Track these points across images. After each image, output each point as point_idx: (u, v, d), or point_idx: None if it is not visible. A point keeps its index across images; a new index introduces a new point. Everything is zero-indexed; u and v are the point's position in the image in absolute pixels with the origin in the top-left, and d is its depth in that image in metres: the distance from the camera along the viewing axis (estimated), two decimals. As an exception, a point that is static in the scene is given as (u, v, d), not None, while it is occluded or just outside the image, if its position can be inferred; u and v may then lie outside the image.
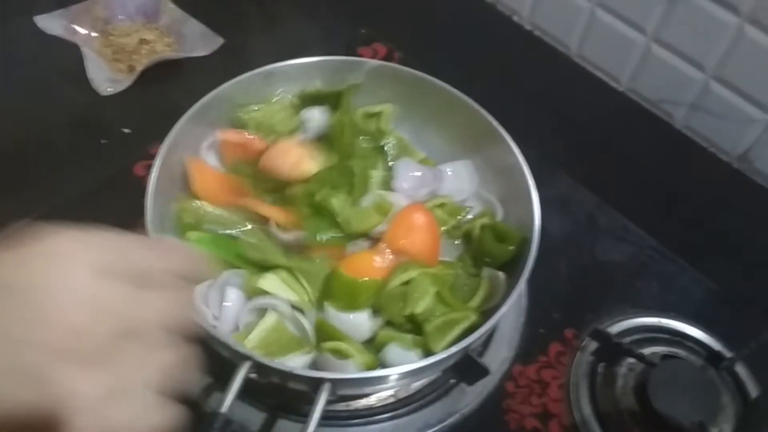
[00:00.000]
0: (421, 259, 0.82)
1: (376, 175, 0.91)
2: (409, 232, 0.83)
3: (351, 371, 0.73)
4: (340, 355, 0.74)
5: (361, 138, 0.94)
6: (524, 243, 0.82)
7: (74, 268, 0.43)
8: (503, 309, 0.72)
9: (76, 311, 0.42)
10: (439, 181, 0.93)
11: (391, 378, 0.71)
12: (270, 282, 0.79)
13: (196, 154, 0.89)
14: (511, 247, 0.83)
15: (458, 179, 0.94)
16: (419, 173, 0.92)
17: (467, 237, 0.89)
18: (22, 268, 0.42)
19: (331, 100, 0.95)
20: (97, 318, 0.42)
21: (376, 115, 0.97)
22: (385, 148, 0.95)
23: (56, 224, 0.44)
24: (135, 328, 0.44)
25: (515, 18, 1.27)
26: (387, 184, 0.91)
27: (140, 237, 0.49)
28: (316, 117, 0.94)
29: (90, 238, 0.45)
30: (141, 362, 0.44)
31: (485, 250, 0.86)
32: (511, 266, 0.82)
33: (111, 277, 0.43)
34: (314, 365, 0.76)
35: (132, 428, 0.43)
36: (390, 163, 0.94)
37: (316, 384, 0.67)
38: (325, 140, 0.93)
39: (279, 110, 0.95)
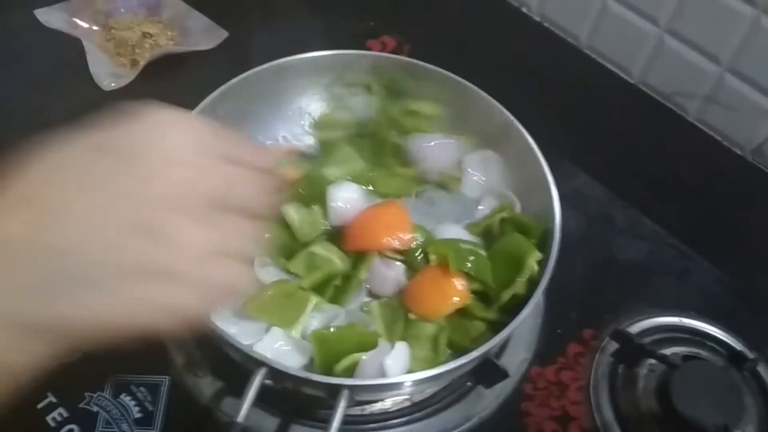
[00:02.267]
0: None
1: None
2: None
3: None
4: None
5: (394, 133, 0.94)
6: (545, 235, 0.81)
7: (180, 137, 0.47)
8: (525, 312, 0.71)
9: (183, 171, 0.45)
10: (453, 150, 0.94)
11: (409, 384, 0.69)
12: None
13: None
14: (532, 240, 0.82)
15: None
16: (432, 143, 0.93)
17: (488, 232, 0.88)
18: (133, 133, 0.46)
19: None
20: (202, 178, 0.46)
21: (416, 113, 0.97)
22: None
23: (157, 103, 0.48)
24: (232, 200, 0.48)
25: (524, 9, 1.25)
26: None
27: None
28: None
29: (195, 119, 0.51)
30: (241, 228, 0.48)
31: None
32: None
33: (212, 154, 0.48)
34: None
35: (228, 287, 0.47)
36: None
37: (334, 390, 0.65)
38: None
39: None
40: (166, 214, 0.43)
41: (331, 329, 0.77)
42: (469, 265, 0.80)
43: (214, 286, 0.46)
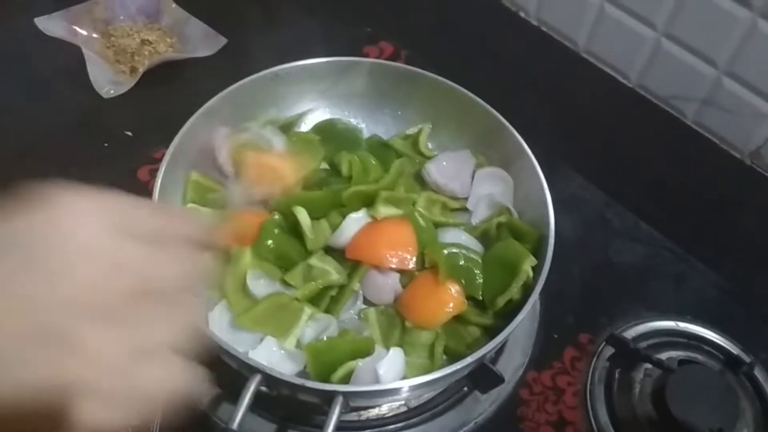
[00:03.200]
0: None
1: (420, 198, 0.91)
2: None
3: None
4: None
5: (399, 162, 0.93)
6: (540, 241, 0.82)
7: (90, 225, 0.41)
8: (520, 317, 0.71)
9: (94, 267, 0.40)
10: (468, 160, 0.93)
11: (404, 390, 0.70)
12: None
13: (200, 160, 0.88)
14: (527, 245, 0.83)
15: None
16: (445, 162, 0.93)
17: (485, 236, 0.89)
18: (37, 226, 0.40)
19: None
20: (115, 274, 0.40)
21: (413, 137, 0.97)
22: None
23: (69, 185, 0.43)
24: (153, 287, 0.42)
25: (522, 14, 1.25)
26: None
27: (151, 201, 0.50)
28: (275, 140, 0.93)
29: (105, 198, 0.43)
30: (163, 322, 0.43)
31: None
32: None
33: (127, 237, 0.42)
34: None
35: (157, 390, 0.42)
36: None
37: (329, 397, 0.65)
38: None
39: None
40: (74, 318, 0.38)
41: (325, 338, 0.77)
42: (460, 276, 0.81)
43: (143, 394, 0.41)
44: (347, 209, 0.85)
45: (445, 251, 0.82)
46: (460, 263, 0.82)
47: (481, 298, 0.81)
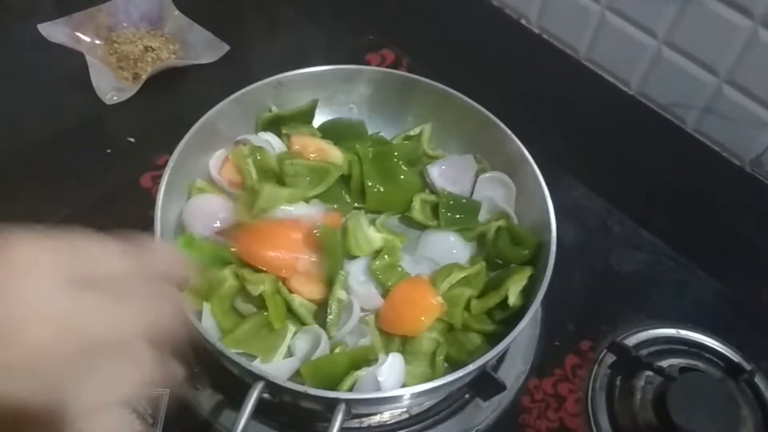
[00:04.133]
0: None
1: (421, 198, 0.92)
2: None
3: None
4: None
5: (400, 162, 0.93)
6: (539, 248, 0.83)
7: (38, 279, 0.39)
8: (521, 324, 0.71)
9: (40, 328, 0.38)
10: (471, 165, 0.94)
11: (406, 397, 0.70)
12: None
13: (203, 167, 0.88)
14: (525, 251, 0.84)
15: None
16: (445, 166, 0.93)
17: (482, 238, 0.89)
18: None
19: (299, 119, 0.96)
20: (62, 336, 0.38)
21: (415, 137, 0.97)
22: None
23: (22, 228, 0.40)
24: (106, 343, 0.40)
25: (523, 22, 1.25)
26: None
27: (116, 239, 0.45)
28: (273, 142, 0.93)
29: (59, 244, 0.41)
30: (114, 380, 0.41)
31: (500, 252, 0.87)
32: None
33: (80, 288, 0.40)
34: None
35: None
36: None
37: (331, 404, 0.65)
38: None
39: None
40: (15, 382, 0.37)
41: (320, 355, 0.76)
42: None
43: None
44: None
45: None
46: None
47: (460, 327, 0.81)
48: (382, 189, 0.91)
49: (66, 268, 0.40)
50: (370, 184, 0.90)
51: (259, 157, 0.88)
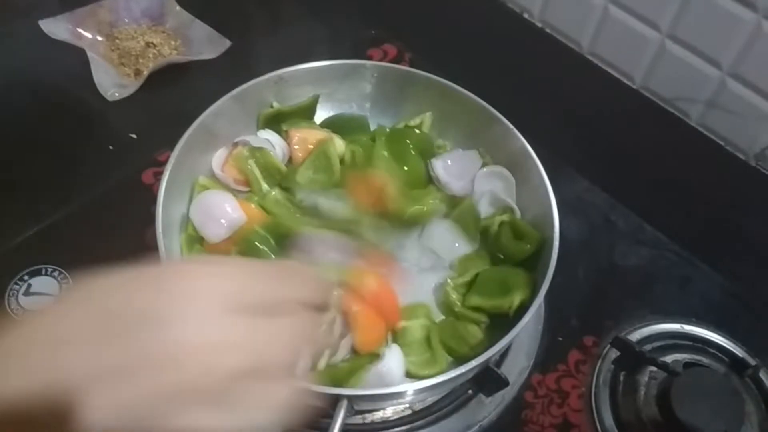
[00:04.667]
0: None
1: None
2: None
3: None
4: None
5: (411, 147, 0.94)
6: (541, 243, 0.83)
7: (206, 306, 0.42)
8: (525, 319, 0.71)
9: (205, 349, 0.41)
10: (475, 160, 0.94)
11: (409, 392, 0.70)
12: None
13: (205, 164, 0.88)
14: (528, 246, 0.84)
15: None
16: (450, 161, 0.93)
17: (484, 232, 0.89)
18: (159, 302, 0.41)
19: (300, 114, 0.96)
20: (224, 355, 0.41)
21: (417, 127, 0.97)
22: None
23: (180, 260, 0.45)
24: (260, 363, 0.43)
25: (526, 15, 1.25)
26: None
27: (270, 265, 0.49)
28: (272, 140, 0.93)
29: (222, 271, 0.45)
30: (263, 401, 0.43)
31: (502, 247, 0.87)
32: (526, 268, 0.83)
33: (239, 312, 0.43)
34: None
35: None
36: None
37: (333, 400, 0.65)
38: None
39: None
40: (178, 397, 0.40)
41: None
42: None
43: None
44: None
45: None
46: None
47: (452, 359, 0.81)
48: (390, 159, 0.91)
49: (228, 294, 0.43)
50: (381, 152, 0.91)
51: (260, 158, 0.88)
